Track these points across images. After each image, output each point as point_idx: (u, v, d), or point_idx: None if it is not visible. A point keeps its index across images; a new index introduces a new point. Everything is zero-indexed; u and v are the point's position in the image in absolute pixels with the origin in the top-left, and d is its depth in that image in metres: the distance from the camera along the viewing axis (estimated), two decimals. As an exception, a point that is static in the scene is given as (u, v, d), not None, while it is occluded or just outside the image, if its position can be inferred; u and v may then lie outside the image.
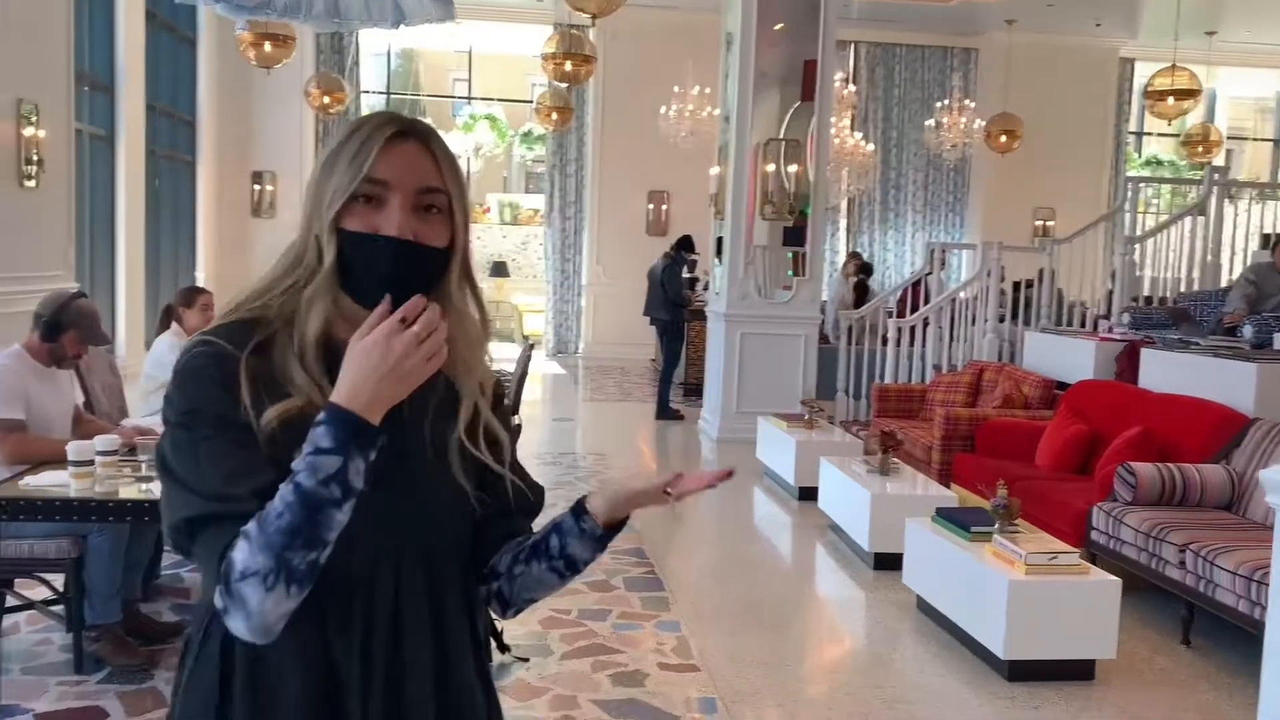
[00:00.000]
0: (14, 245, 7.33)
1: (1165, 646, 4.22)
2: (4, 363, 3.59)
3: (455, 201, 1.21)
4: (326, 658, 1.16)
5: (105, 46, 10.05)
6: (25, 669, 3.59)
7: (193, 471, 1.11)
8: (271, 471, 1.09)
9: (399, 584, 1.20)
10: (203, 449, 1.11)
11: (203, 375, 1.14)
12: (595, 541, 1.25)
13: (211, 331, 1.19)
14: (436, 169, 1.19)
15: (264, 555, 1.04)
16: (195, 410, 1.13)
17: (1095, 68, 14.44)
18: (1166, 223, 8.26)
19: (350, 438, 1.05)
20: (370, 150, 1.16)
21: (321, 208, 1.18)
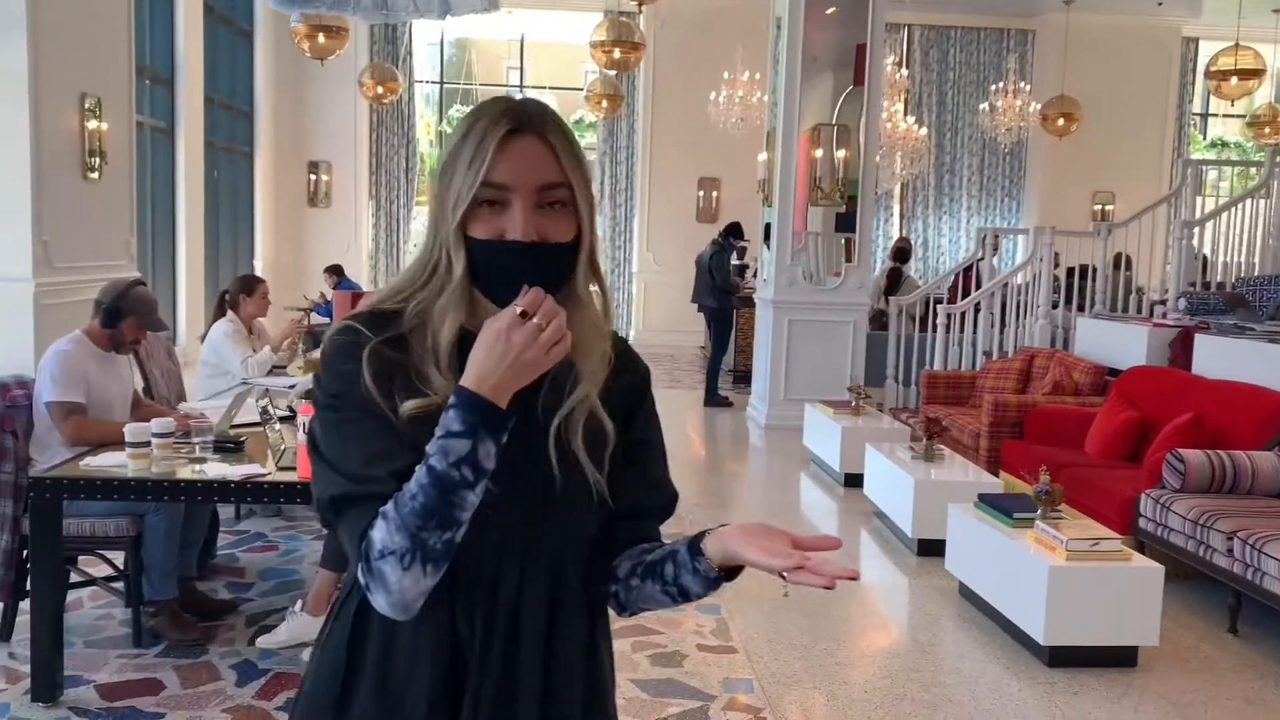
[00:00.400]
0: (78, 236, 7.55)
1: (1211, 635, 4.18)
2: (66, 348, 3.73)
3: (578, 193, 1.19)
4: (453, 640, 1.19)
5: (165, 40, 10.29)
6: (88, 642, 3.73)
7: (337, 452, 1.15)
8: (410, 454, 1.12)
9: (523, 577, 1.21)
10: (346, 430, 1.16)
11: (345, 359, 1.17)
12: (709, 582, 1.21)
13: (353, 317, 1.21)
14: (556, 162, 1.17)
15: (400, 535, 1.08)
16: (339, 393, 1.17)
17: (1157, 47, 14.14)
18: (1226, 205, 8.08)
19: (479, 420, 1.08)
20: (486, 152, 1.15)
21: (445, 214, 1.18)
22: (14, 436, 3.61)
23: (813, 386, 8.10)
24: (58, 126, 7.37)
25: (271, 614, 3.98)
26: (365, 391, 1.15)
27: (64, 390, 3.64)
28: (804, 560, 1.09)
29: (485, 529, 1.14)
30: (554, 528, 1.23)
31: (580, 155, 1.21)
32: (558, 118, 1.21)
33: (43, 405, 3.65)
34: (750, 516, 6.02)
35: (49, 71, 7.19)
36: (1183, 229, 7.61)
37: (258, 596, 4.24)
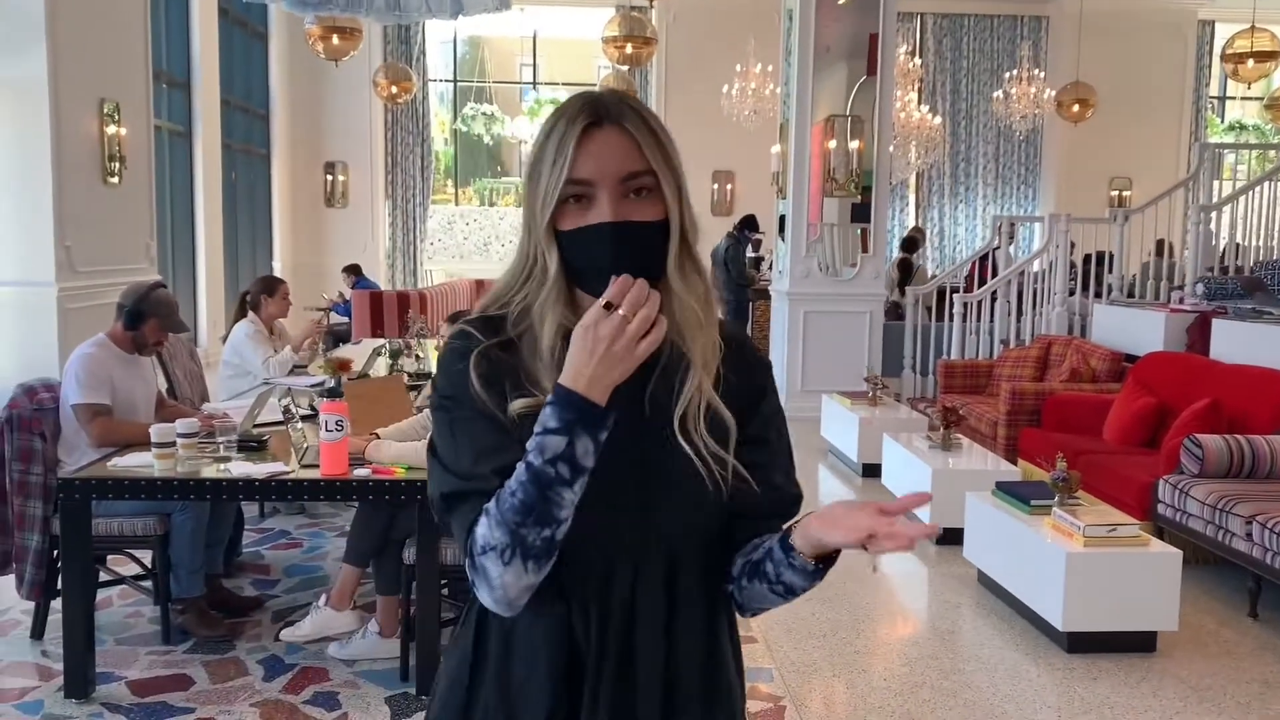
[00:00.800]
0: (100, 240, 7.65)
1: (1231, 619, 4.18)
2: (90, 351, 3.80)
3: (662, 179, 1.18)
4: (570, 641, 1.19)
5: (181, 44, 10.38)
6: (118, 640, 3.80)
7: (449, 451, 1.18)
8: (519, 451, 1.11)
9: (637, 574, 1.20)
10: (457, 429, 1.17)
11: (458, 361, 1.19)
12: (809, 574, 1.19)
13: (469, 322, 1.23)
14: (638, 151, 1.17)
15: (500, 531, 1.09)
16: (451, 394, 1.19)
17: (1172, 31, 14.04)
18: (1243, 189, 8.04)
19: (575, 418, 1.08)
20: (567, 149, 1.16)
21: (535, 215, 1.18)
22: (42, 439, 3.67)
23: (830, 378, 8.11)
24: (78, 132, 7.47)
25: (296, 609, 4.04)
26: (474, 393, 1.17)
27: (89, 392, 3.71)
28: (883, 527, 1.07)
29: (596, 525, 1.14)
30: (668, 522, 1.21)
31: (664, 140, 1.21)
32: (639, 105, 1.21)
33: (69, 407, 3.72)
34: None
35: (68, 78, 7.28)
36: (1200, 213, 7.58)
37: (283, 593, 4.30)
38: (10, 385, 3.88)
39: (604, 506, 1.15)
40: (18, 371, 6.41)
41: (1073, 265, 8.54)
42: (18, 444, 3.63)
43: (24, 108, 7.04)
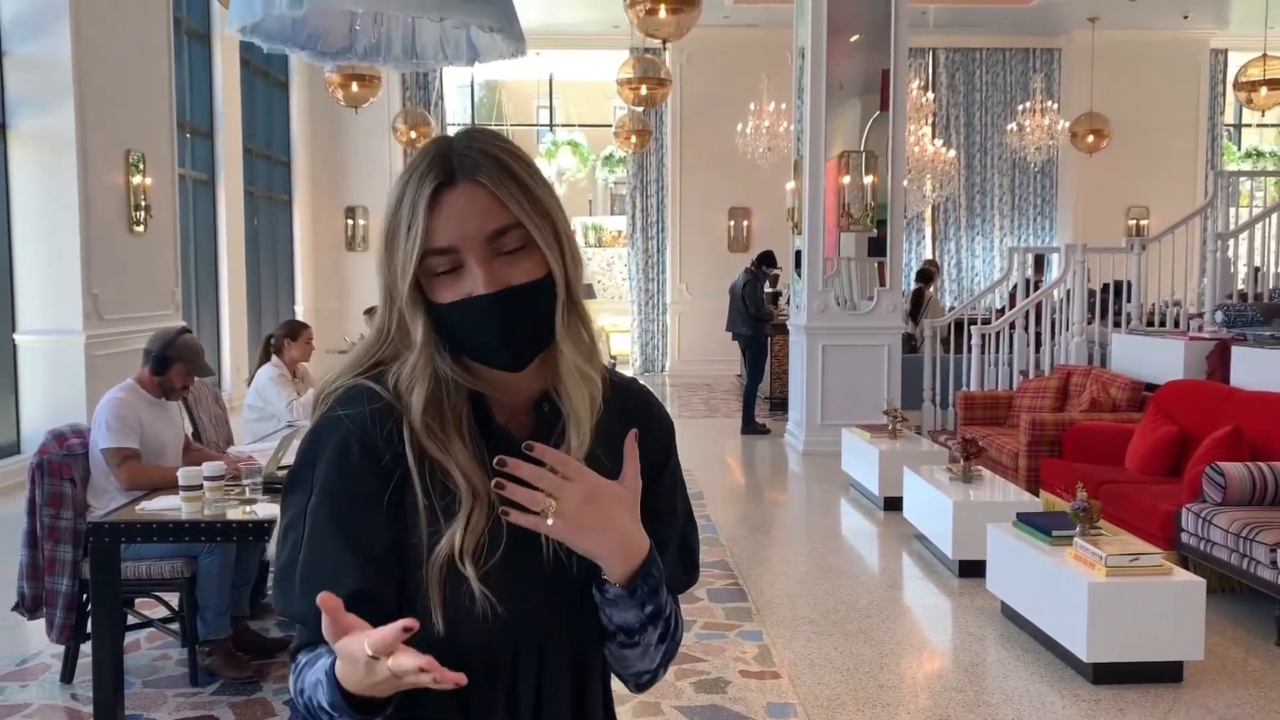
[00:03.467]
0: (126, 288, 7.78)
1: (1259, 648, 4.15)
2: (118, 396, 3.87)
3: (534, 230, 1.07)
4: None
5: (204, 94, 10.59)
6: (146, 682, 3.84)
7: (286, 549, 1.12)
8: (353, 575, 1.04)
9: (542, 665, 1.12)
10: (308, 529, 1.11)
11: (327, 438, 1.11)
12: (628, 600, 1.08)
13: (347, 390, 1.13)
14: (499, 204, 1.06)
15: (300, 702, 1.04)
16: (312, 481, 1.13)
17: (1185, 61, 14.09)
18: (1260, 216, 8.04)
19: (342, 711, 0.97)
20: (419, 216, 1.05)
21: (395, 288, 1.10)
22: (72, 484, 3.74)
23: (849, 411, 8.12)
24: (105, 183, 7.63)
25: (322, 650, 4.06)
26: (344, 480, 1.08)
27: (118, 437, 3.77)
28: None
29: (495, 619, 1.05)
30: (568, 611, 1.11)
31: (532, 185, 1.08)
32: (498, 147, 1.09)
33: (98, 452, 3.78)
34: (790, 543, 6.06)
35: (95, 130, 7.45)
36: (1216, 241, 7.58)
37: (308, 634, 4.32)
38: (40, 431, 3.96)
39: (503, 598, 1.06)
40: (47, 418, 6.52)
41: (1091, 293, 8.54)
42: (48, 489, 3.69)
43: (53, 159, 7.20)
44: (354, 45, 4.29)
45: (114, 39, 7.72)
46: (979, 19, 13.32)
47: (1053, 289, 8.65)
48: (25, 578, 3.70)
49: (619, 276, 17.21)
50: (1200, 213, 8.54)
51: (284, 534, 1.09)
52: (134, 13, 8.07)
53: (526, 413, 1.15)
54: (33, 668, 3.97)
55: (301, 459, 1.11)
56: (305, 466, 1.10)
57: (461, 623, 1.06)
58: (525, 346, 1.09)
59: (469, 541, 1.05)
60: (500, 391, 1.14)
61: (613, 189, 20.12)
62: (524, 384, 1.14)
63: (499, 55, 4.55)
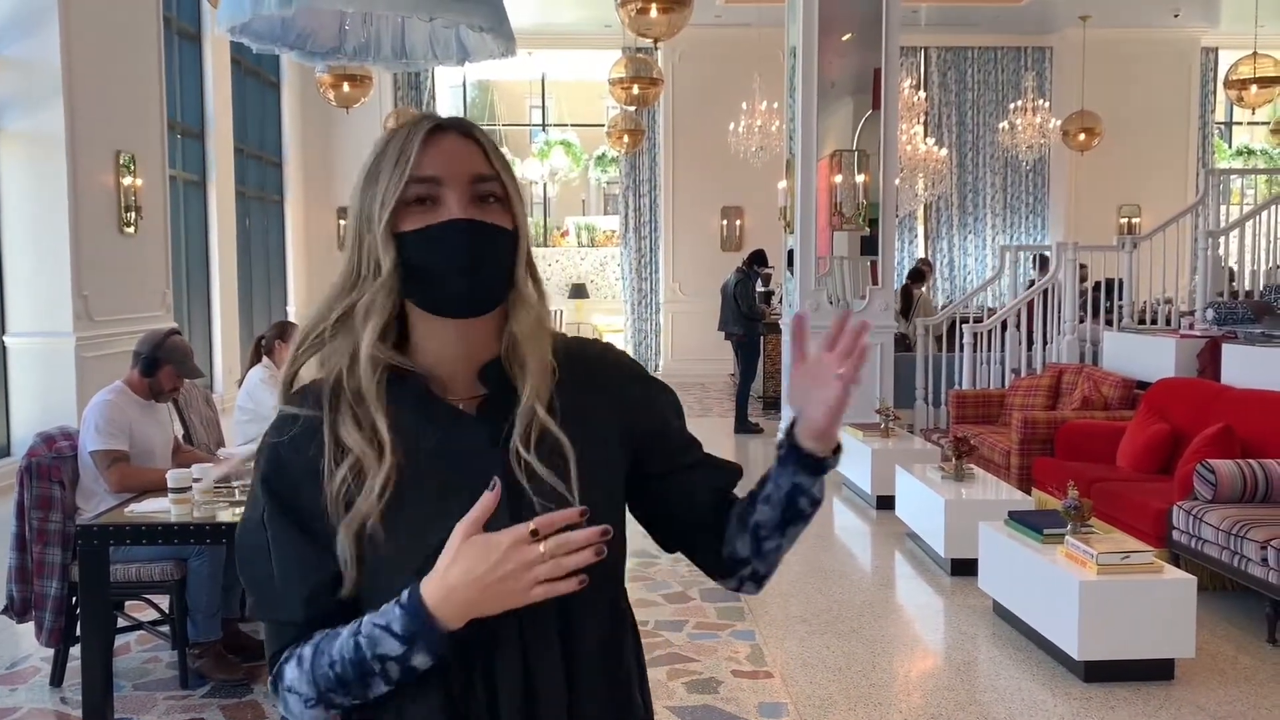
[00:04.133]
0: (117, 289, 7.75)
1: (1250, 645, 4.15)
2: (108, 398, 3.85)
3: (510, 188, 1.13)
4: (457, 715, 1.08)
5: (195, 95, 10.56)
6: (136, 685, 3.82)
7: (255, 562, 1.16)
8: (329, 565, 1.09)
9: (525, 638, 1.08)
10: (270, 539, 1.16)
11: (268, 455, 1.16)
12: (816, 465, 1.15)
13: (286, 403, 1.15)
14: (485, 157, 1.12)
15: (308, 686, 1.07)
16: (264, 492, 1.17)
17: (1176, 59, 14.13)
18: (1250, 213, 8.06)
19: (420, 633, 1.01)
20: (411, 149, 1.09)
21: (372, 218, 1.10)
22: (61, 486, 3.72)
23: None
24: (95, 184, 7.60)
25: (313, 652, 4.05)
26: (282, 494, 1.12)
27: (107, 439, 3.76)
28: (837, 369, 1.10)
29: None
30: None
31: (506, 159, 1.16)
32: (480, 128, 1.17)
33: (87, 455, 3.77)
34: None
35: (85, 131, 7.42)
36: (1207, 239, 7.59)
37: (299, 636, 4.31)
38: (29, 434, 3.94)
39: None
40: (37, 420, 6.50)
41: (1084, 293, 8.56)
42: (37, 492, 3.68)
43: (42, 160, 7.17)
44: (343, 45, 4.27)
45: (104, 39, 7.69)
46: (970, 18, 13.33)
47: (1039, 288, 8.66)
48: (14, 581, 3.69)
49: (612, 276, 17.19)
50: (1191, 210, 8.56)
51: (248, 546, 1.13)
52: (124, 13, 8.04)
53: (469, 382, 1.14)
54: (22, 671, 3.95)
55: (255, 474, 1.15)
56: (256, 481, 1.14)
57: (374, 579, 1.08)
58: (485, 286, 1.10)
59: (366, 495, 1.07)
60: (436, 356, 1.14)
61: (605, 188, 20.11)
62: (466, 348, 1.14)
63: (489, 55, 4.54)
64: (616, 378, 1.23)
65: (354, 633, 1.05)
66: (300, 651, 1.08)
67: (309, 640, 1.09)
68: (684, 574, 5.14)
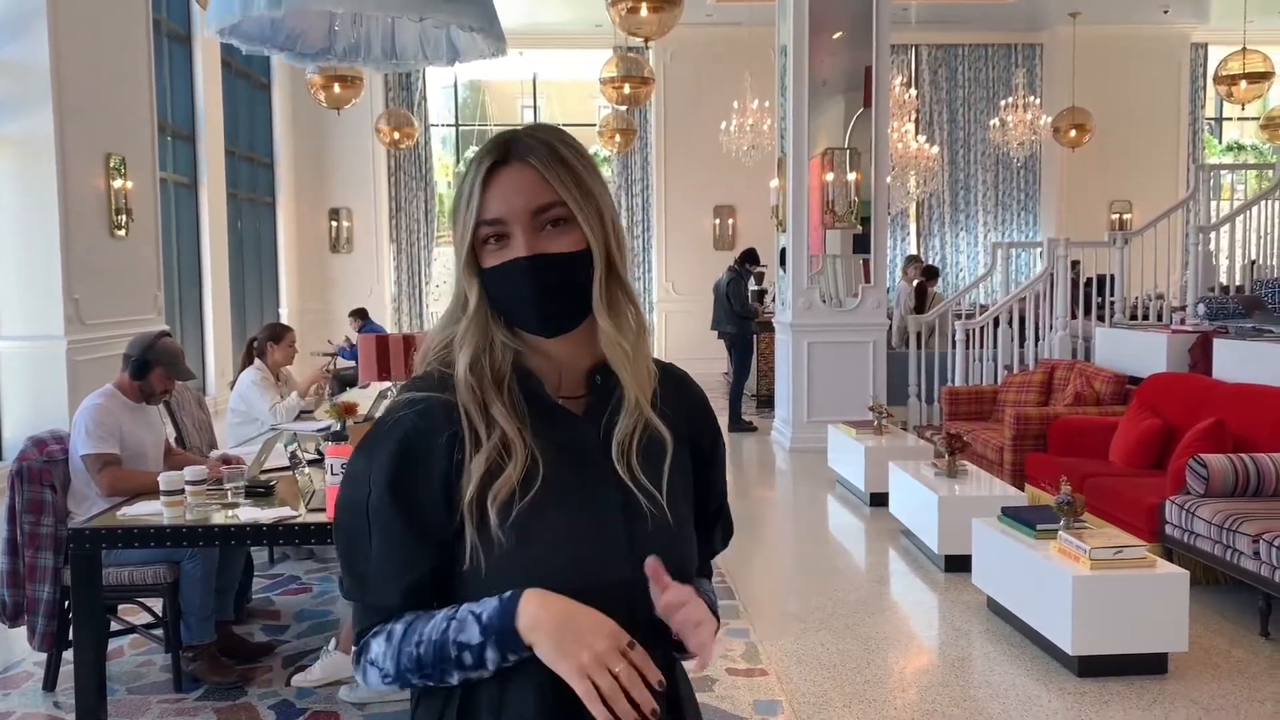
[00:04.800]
0: (108, 292, 7.73)
1: (1243, 638, 4.17)
2: (98, 401, 3.84)
3: (577, 207, 1.16)
4: (568, 706, 1.10)
5: (185, 97, 10.54)
6: (130, 689, 3.81)
7: (358, 549, 1.20)
8: (431, 558, 1.15)
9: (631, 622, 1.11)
10: (374, 528, 1.20)
11: (390, 440, 1.19)
12: None
13: (413, 385, 1.22)
14: (544, 183, 1.16)
15: (391, 663, 1.14)
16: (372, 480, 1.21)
17: (1166, 55, 14.18)
18: (1240, 209, 8.08)
19: (501, 631, 1.08)
20: (474, 192, 1.17)
21: (458, 255, 1.20)
22: (52, 490, 3.71)
23: (836, 407, 8.13)
24: (85, 187, 7.57)
25: (307, 654, 4.05)
26: (398, 483, 1.15)
27: (98, 443, 3.75)
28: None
29: (587, 578, 1.13)
30: (623, 566, 1.16)
31: (579, 168, 1.18)
32: (554, 136, 1.20)
33: (78, 458, 3.76)
34: (777, 540, 6.07)
35: (75, 134, 7.39)
36: (1198, 234, 7.61)
37: (293, 638, 4.31)
38: (20, 438, 3.93)
39: (594, 561, 1.14)
40: (28, 424, 6.48)
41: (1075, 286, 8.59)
42: (28, 496, 3.67)
43: (32, 164, 7.15)
44: (333, 46, 4.27)
45: (93, 42, 7.67)
46: (961, 15, 13.36)
47: (1031, 285, 8.68)
48: (6, 585, 3.67)
49: (605, 276, 17.17)
50: (1182, 206, 8.58)
51: (347, 532, 1.18)
52: (113, 15, 8.02)
53: (579, 384, 1.23)
54: (15, 676, 3.94)
55: (356, 463, 1.19)
56: (361, 470, 1.18)
57: (493, 572, 1.13)
58: (555, 311, 1.18)
59: (500, 485, 1.13)
60: (550, 361, 1.22)
61: (598, 188, 20.10)
62: (570, 354, 1.22)
63: (479, 55, 4.54)
64: (699, 403, 1.34)
65: (448, 616, 1.11)
66: (392, 627, 1.14)
67: (399, 619, 1.15)
68: (678, 573, 5.14)
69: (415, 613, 1.15)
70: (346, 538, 1.18)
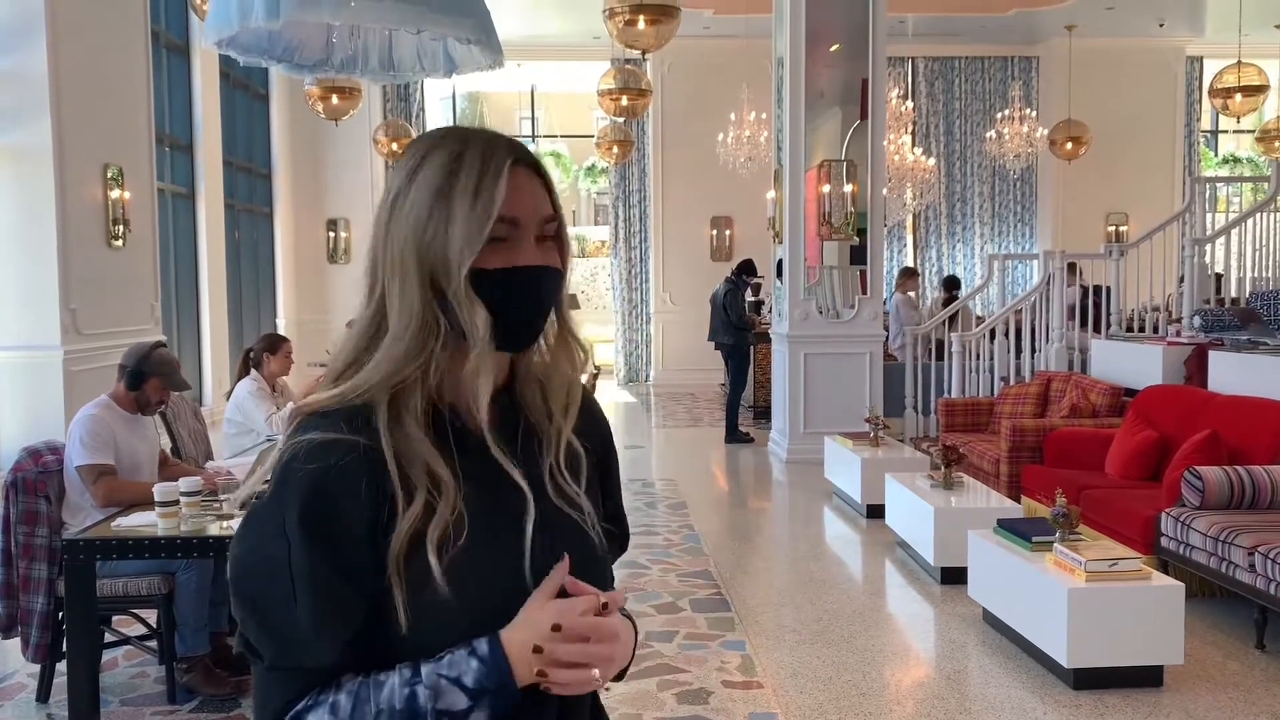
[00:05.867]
0: (105, 303, 7.73)
1: (1238, 651, 4.16)
2: (93, 412, 3.84)
3: (560, 225, 1.13)
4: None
5: (183, 107, 10.55)
6: (124, 700, 3.80)
7: (279, 603, 1.04)
8: (362, 606, 1.03)
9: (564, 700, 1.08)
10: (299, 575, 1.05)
11: (320, 476, 1.04)
12: None
13: (322, 417, 1.08)
14: (548, 194, 1.11)
15: None
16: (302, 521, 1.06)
17: (1162, 68, 14.23)
18: (1235, 221, 8.11)
19: (493, 691, 1.00)
20: (494, 186, 1.05)
21: (448, 263, 1.05)
22: (47, 501, 3.70)
23: (833, 419, 8.14)
24: (82, 197, 7.58)
25: (302, 666, 4.04)
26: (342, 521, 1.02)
27: (93, 453, 3.74)
28: None
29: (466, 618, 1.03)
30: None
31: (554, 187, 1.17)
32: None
33: (73, 469, 3.75)
34: (773, 552, 6.06)
35: (73, 144, 7.40)
36: (1193, 246, 7.63)
37: (288, 649, 4.30)
38: (16, 448, 3.92)
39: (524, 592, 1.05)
40: (23, 435, 6.47)
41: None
42: (23, 507, 3.66)
43: (29, 174, 7.15)
44: (331, 58, 4.28)
45: (91, 52, 7.68)
46: (957, 28, 13.41)
47: (1028, 297, 8.70)
48: (0, 596, 3.67)
49: (602, 286, 17.22)
50: (1178, 218, 8.60)
51: (261, 590, 1.02)
52: (112, 26, 8.03)
53: (479, 410, 1.10)
54: (8, 688, 3.93)
55: (269, 510, 1.04)
56: (275, 519, 1.02)
57: (428, 621, 1.02)
58: (539, 327, 1.13)
59: (434, 531, 1.02)
60: (458, 391, 1.11)
61: (595, 199, 20.14)
62: (491, 377, 1.11)
63: (477, 67, 4.55)
64: (596, 413, 1.28)
65: (408, 682, 0.99)
66: (335, 699, 1.00)
67: (337, 688, 1.01)
68: (674, 585, 5.14)
69: (352, 679, 1.01)
70: (261, 600, 1.01)
